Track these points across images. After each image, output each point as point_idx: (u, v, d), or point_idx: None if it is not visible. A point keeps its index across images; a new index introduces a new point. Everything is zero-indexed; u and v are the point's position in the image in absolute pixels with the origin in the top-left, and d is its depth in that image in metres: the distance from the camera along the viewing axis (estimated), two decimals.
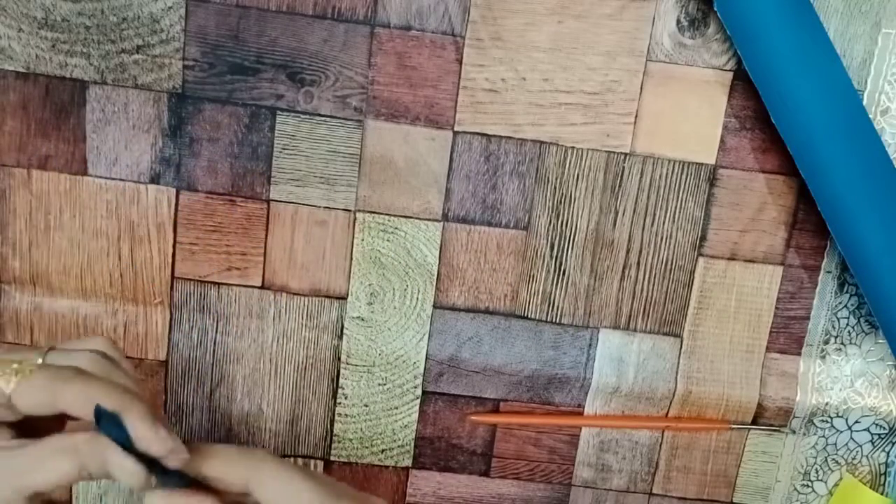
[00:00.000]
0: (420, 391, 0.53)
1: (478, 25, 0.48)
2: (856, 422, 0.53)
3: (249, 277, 0.51)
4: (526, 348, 0.52)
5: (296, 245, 0.51)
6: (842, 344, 0.52)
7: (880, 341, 0.52)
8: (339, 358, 0.52)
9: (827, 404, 0.52)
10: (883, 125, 0.49)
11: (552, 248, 0.51)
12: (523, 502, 0.55)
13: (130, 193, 0.50)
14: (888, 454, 0.54)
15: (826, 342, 0.52)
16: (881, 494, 0.54)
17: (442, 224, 0.50)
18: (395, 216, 0.50)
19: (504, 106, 0.49)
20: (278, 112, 0.49)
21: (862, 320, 0.52)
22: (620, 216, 0.51)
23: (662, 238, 0.51)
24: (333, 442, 0.54)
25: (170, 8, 0.47)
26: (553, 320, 0.52)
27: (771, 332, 0.52)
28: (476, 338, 0.52)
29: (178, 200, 0.50)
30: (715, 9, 0.46)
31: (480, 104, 0.49)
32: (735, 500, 0.55)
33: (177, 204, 0.50)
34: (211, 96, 0.49)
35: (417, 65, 0.48)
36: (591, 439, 0.54)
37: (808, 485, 0.55)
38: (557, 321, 0.52)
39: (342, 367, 0.52)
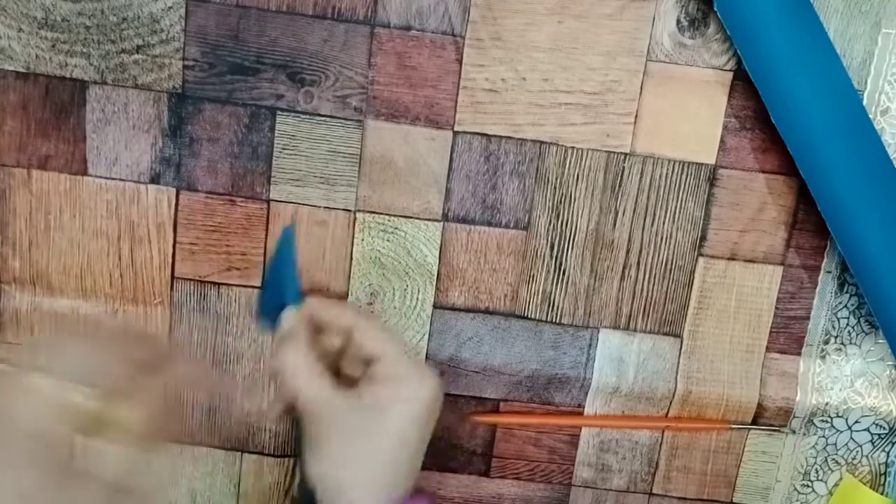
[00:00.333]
0: None
1: (478, 25, 0.48)
2: (856, 422, 0.53)
3: (249, 277, 0.51)
4: (526, 348, 0.52)
5: (295, 245, 0.51)
6: (842, 344, 0.52)
7: (880, 341, 0.52)
8: None
9: (827, 404, 0.52)
10: (883, 125, 0.49)
11: (552, 248, 0.51)
12: (523, 502, 0.55)
13: (130, 193, 0.50)
14: (888, 454, 0.54)
15: (826, 342, 0.52)
16: (881, 494, 0.54)
17: (442, 224, 0.50)
18: (395, 216, 0.50)
19: (504, 106, 0.49)
20: (278, 112, 0.49)
21: (862, 320, 0.52)
22: (620, 216, 0.51)
23: (662, 238, 0.51)
24: None
25: (170, 8, 0.47)
26: (553, 320, 0.52)
27: (771, 332, 0.52)
28: (476, 338, 0.52)
29: (178, 200, 0.50)
30: (715, 9, 0.46)
31: (480, 104, 0.49)
32: (735, 500, 0.55)
33: (177, 204, 0.50)
34: (211, 96, 0.49)
35: (417, 65, 0.48)
36: (591, 439, 0.54)
37: (808, 485, 0.55)
38: (557, 321, 0.52)
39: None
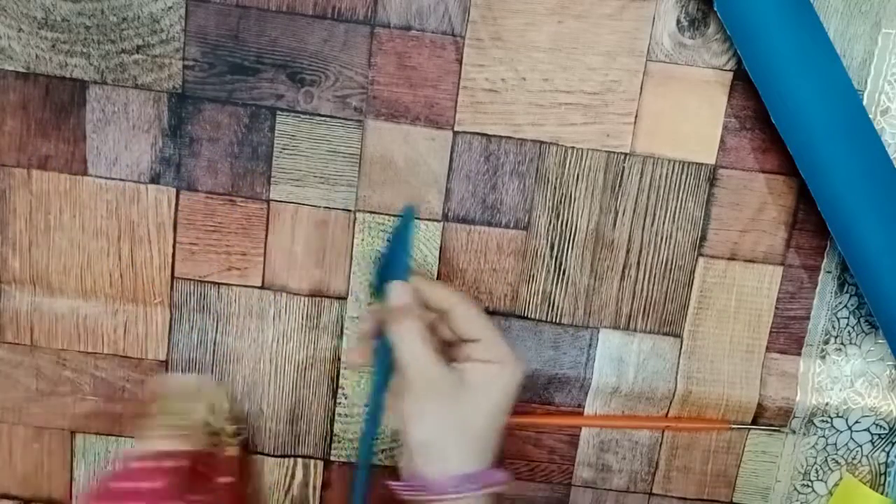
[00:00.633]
0: None
1: (478, 25, 0.48)
2: (856, 422, 0.53)
3: (249, 277, 0.51)
4: (526, 348, 0.52)
5: (296, 245, 0.51)
6: (842, 344, 0.52)
7: (880, 341, 0.52)
8: (339, 358, 0.52)
9: (827, 404, 0.52)
10: (883, 125, 0.49)
11: (552, 248, 0.51)
12: (523, 502, 0.55)
13: (130, 193, 0.50)
14: (888, 454, 0.54)
15: (826, 342, 0.52)
16: (881, 494, 0.54)
17: (442, 224, 0.50)
18: (396, 216, 0.50)
19: (504, 106, 0.49)
20: (278, 112, 0.49)
21: (862, 320, 0.52)
22: (620, 216, 0.51)
23: (662, 238, 0.51)
24: (333, 442, 0.54)
25: (170, 8, 0.47)
26: (553, 320, 0.52)
27: (771, 332, 0.52)
28: None
29: (178, 200, 0.50)
30: (715, 9, 0.46)
31: (480, 104, 0.49)
32: (735, 500, 0.55)
33: (177, 204, 0.50)
34: (211, 96, 0.49)
35: (417, 65, 0.48)
36: (591, 439, 0.54)
37: (808, 485, 0.55)
38: (557, 321, 0.52)
39: (342, 367, 0.52)
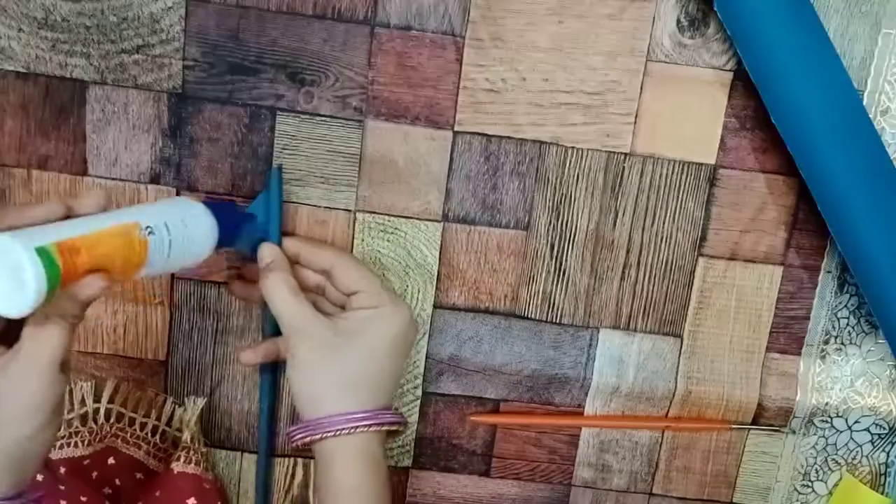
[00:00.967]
0: (420, 392, 0.53)
1: (478, 25, 0.48)
2: (856, 422, 0.53)
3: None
4: (526, 348, 0.52)
5: None
6: (842, 344, 0.52)
7: (880, 341, 0.52)
8: None
9: (827, 404, 0.52)
10: (883, 125, 0.49)
11: (552, 249, 0.51)
12: (523, 502, 0.55)
13: (130, 193, 0.50)
14: (888, 454, 0.54)
15: (826, 342, 0.52)
16: (881, 494, 0.54)
17: (442, 224, 0.50)
18: (395, 216, 0.50)
19: (504, 106, 0.49)
20: (278, 112, 0.49)
21: (862, 320, 0.52)
22: (620, 216, 0.50)
23: (662, 238, 0.51)
24: None
25: (170, 8, 0.47)
26: (553, 320, 0.52)
27: (771, 332, 0.52)
28: (476, 338, 0.52)
29: None
30: (715, 9, 0.46)
31: (480, 104, 0.49)
32: (735, 500, 0.55)
33: None
34: (211, 96, 0.49)
35: (417, 65, 0.48)
36: (591, 439, 0.54)
37: (808, 485, 0.55)
38: (557, 321, 0.52)
39: None
